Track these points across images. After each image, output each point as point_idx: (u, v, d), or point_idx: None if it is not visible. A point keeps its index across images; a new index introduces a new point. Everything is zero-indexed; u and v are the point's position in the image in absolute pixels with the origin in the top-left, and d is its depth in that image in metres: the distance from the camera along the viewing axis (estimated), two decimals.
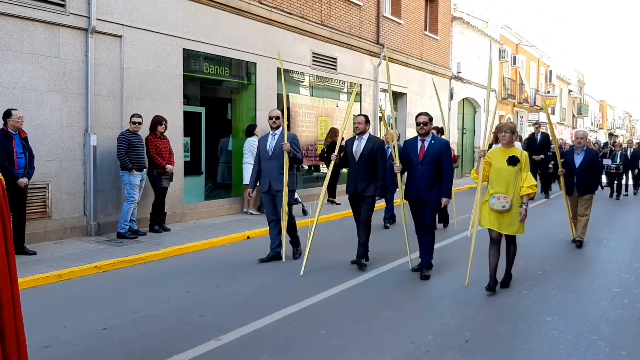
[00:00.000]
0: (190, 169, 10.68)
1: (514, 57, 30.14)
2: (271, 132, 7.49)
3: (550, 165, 15.04)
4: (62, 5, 8.21)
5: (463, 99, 23.90)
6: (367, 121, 7.21)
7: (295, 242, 7.70)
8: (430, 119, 6.71)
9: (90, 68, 8.57)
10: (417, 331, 4.85)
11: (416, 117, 6.70)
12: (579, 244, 8.69)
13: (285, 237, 7.50)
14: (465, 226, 10.22)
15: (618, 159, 16.84)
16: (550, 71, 39.34)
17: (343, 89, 15.70)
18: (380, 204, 7.78)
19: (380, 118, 11.86)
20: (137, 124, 8.61)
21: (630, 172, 17.63)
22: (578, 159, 8.79)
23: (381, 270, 7.06)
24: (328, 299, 5.79)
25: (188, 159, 10.61)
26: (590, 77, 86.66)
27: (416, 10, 19.37)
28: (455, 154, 14.51)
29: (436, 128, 10.12)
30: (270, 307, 5.38)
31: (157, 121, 8.96)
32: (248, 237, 8.98)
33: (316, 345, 4.53)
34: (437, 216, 7.83)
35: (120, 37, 9.05)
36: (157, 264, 7.33)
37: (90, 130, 8.63)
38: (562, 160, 8.95)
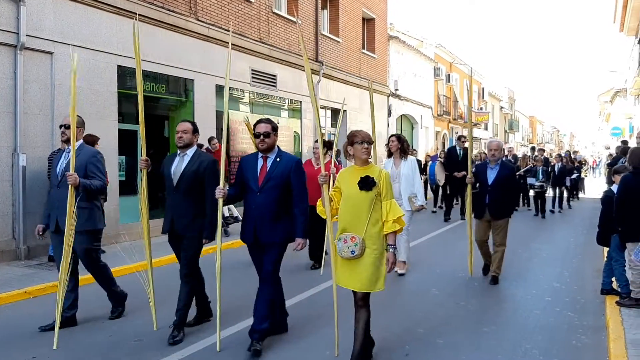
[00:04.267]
0: (126, 188, 10.39)
1: (448, 75, 31.12)
2: (65, 147, 5.50)
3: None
4: None
5: (401, 116, 24.44)
6: (195, 130, 5.31)
7: (115, 300, 5.81)
8: (274, 129, 4.81)
9: (19, 85, 8.25)
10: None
11: (254, 126, 4.90)
12: (494, 280, 7.20)
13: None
14: None
15: (540, 176, 15.12)
16: (483, 88, 40.82)
17: (284, 105, 15.74)
18: (211, 246, 5.43)
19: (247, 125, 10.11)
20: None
21: (557, 189, 16.20)
22: (491, 175, 7.24)
23: (319, 289, 7.03)
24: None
25: (123, 178, 10.33)
26: (520, 94, 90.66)
27: (354, 29, 19.73)
28: None
29: (329, 142, 8.25)
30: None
31: (91, 141, 8.66)
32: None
33: None
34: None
35: (51, 53, 8.76)
36: (90, 288, 7.05)
37: (20, 150, 8.27)
38: (471, 177, 7.35)
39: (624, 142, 16.61)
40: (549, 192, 16.14)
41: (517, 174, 15.65)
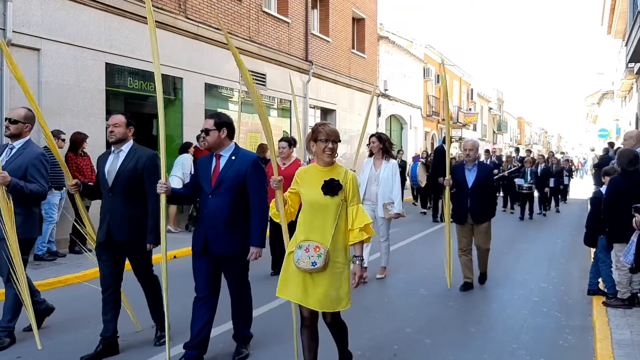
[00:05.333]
0: None
1: (438, 75, 31.22)
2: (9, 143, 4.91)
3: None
4: None
5: (390, 116, 24.48)
6: (130, 123, 4.67)
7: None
8: (219, 124, 4.23)
9: (5, 82, 8.14)
10: None
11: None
12: (482, 278, 7.17)
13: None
14: (395, 239, 10.39)
15: (529, 177, 14.74)
16: (472, 89, 41.00)
17: (273, 105, 15.71)
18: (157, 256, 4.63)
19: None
20: (62, 141, 8.24)
21: (540, 191, 15.67)
22: (470, 177, 6.86)
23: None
24: (255, 319, 5.69)
25: None
26: (509, 95, 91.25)
27: (344, 28, 19.73)
28: None
29: (288, 140, 7.41)
30: None
31: (80, 139, 8.58)
32: (175, 257, 8.73)
33: None
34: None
35: (38, 50, 8.67)
36: (77, 287, 7.00)
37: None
38: (449, 180, 6.86)
39: (611, 144, 16.73)
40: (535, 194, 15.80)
41: (501, 174, 15.83)
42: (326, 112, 18.87)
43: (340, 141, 3.84)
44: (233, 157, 4.27)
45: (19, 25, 8.32)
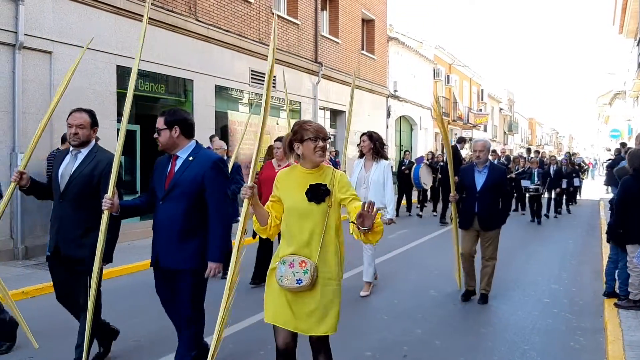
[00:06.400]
0: (125, 188, 10.38)
1: (448, 76, 31.14)
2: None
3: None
4: None
5: (400, 117, 24.45)
6: (95, 123, 4.25)
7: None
8: (170, 122, 3.70)
9: (17, 85, 8.24)
10: (355, 348, 4.84)
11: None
12: (483, 299, 6.39)
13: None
14: (405, 240, 10.40)
15: (536, 178, 14.26)
16: (482, 90, 40.85)
17: (282, 106, 15.74)
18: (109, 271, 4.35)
19: None
20: None
21: (552, 191, 15.41)
22: (480, 179, 6.32)
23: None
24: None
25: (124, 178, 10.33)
26: (520, 96, 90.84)
27: (353, 30, 19.74)
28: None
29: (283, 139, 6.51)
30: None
31: None
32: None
33: None
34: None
35: (50, 53, 8.75)
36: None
37: (18, 150, 8.26)
38: (456, 180, 6.58)
39: (623, 145, 16.61)
40: (545, 195, 15.47)
41: (508, 176, 15.60)
42: (335, 114, 18.90)
43: (329, 138, 3.42)
44: (191, 158, 3.72)
45: (31, 29, 8.40)
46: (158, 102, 11.64)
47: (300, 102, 16.22)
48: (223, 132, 13.01)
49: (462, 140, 14.35)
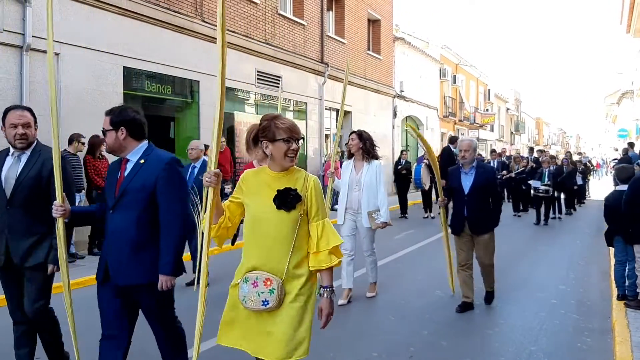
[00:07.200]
0: None
1: (454, 76, 31.07)
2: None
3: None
4: None
5: (406, 117, 24.41)
6: (36, 121, 3.97)
7: None
8: (116, 123, 3.45)
9: (25, 86, 8.28)
10: (361, 349, 4.84)
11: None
12: (489, 297, 6.35)
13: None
14: (411, 241, 10.38)
15: (546, 178, 13.65)
16: (489, 90, 40.74)
17: (289, 107, 15.75)
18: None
19: None
20: (81, 144, 8.40)
21: (563, 192, 15.07)
22: (467, 181, 5.94)
23: None
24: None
25: None
26: (527, 95, 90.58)
27: (359, 30, 19.73)
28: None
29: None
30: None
31: (98, 142, 8.69)
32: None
33: None
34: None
35: (57, 54, 8.78)
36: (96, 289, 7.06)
37: None
38: (444, 183, 6.39)
39: (631, 144, 16.52)
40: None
41: (508, 175, 15.54)
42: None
43: (302, 138, 3.01)
44: (142, 161, 3.34)
45: (38, 30, 8.44)
46: (164, 103, 11.67)
47: (306, 103, 16.23)
48: (229, 133, 13.04)
49: (454, 140, 13.78)
